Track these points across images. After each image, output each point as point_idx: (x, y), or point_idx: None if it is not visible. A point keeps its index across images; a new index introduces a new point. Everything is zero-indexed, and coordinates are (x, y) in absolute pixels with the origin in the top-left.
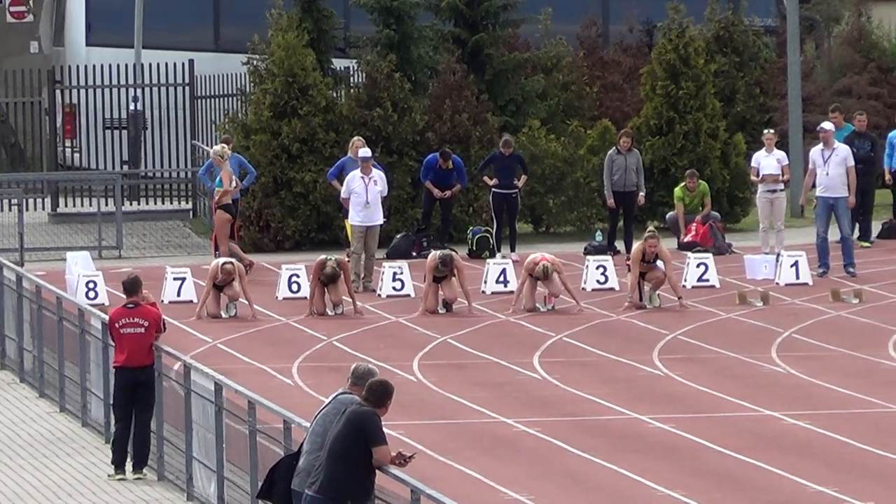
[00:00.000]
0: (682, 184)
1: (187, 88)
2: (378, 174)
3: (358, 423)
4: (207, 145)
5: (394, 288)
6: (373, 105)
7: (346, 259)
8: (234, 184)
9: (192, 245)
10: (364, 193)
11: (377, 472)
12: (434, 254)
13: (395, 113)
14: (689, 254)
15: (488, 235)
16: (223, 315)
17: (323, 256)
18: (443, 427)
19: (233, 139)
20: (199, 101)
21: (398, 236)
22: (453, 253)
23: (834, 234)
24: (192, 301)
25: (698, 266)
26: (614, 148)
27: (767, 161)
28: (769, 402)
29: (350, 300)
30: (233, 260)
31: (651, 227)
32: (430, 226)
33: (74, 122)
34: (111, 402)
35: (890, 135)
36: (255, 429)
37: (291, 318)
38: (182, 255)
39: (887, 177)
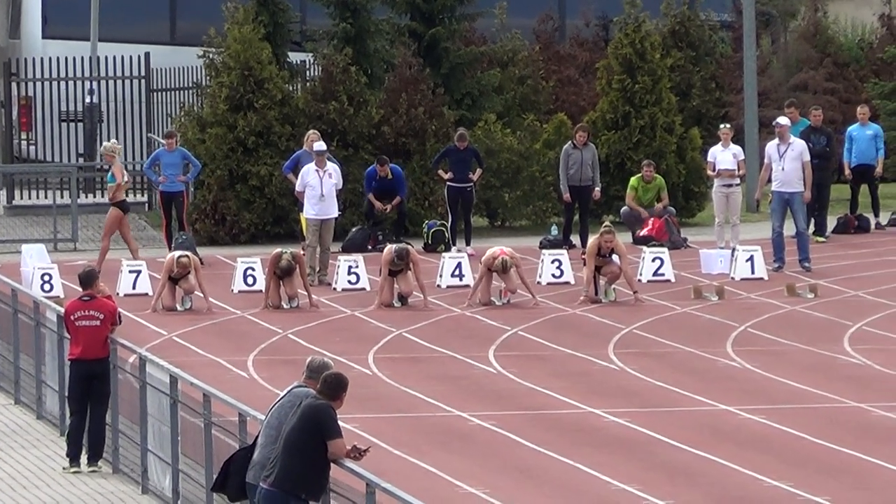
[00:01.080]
0: (639, 174)
1: (143, 81)
2: (333, 167)
3: (313, 416)
4: (163, 138)
5: (349, 281)
6: (328, 98)
7: (302, 252)
8: (125, 178)
9: (148, 238)
10: (319, 187)
11: (332, 465)
12: (390, 247)
13: (350, 106)
14: (645, 248)
15: (443, 229)
16: (179, 308)
17: (278, 250)
18: (398, 420)
19: (177, 134)
20: (155, 93)
21: (353, 230)
22: (409, 247)
23: (789, 229)
24: (147, 294)
25: (654, 260)
26: (570, 142)
27: (723, 156)
28: (724, 396)
29: (305, 293)
30: (188, 253)
31: (607, 222)
32: (383, 221)
33: (30, 114)
34: (66, 394)
35: (848, 129)
36: (210, 422)
37: (247, 311)
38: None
39: (847, 171)
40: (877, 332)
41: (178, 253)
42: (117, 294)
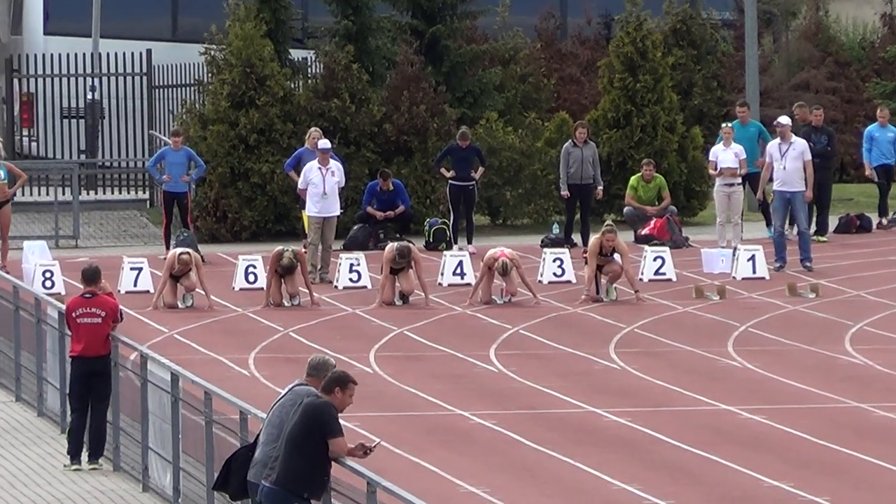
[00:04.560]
0: (639, 174)
1: (145, 78)
2: (335, 165)
3: (313, 414)
4: (165, 135)
5: (350, 279)
6: (330, 96)
7: (303, 250)
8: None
9: (149, 235)
10: (321, 184)
11: (333, 463)
12: (391, 245)
13: (352, 104)
14: (646, 247)
15: (445, 227)
16: (180, 305)
17: (280, 247)
18: (399, 419)
19: (182, 132)
20: (157, 90)
21: (355, 227)
22: (410, 245)
23: (791, 229)
24: (148, 291)
25: (655, 259)
26: (570, 140)
27: (725, 155)
28: (725, 396)
29: (307, 291)
30: (190, 250)
31: (609, 221)
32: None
33: (32, 111)
34: (67, 391)
35: (867, 129)
36: (211, 420)
37: (248, 308)
38: (139, 245)
39: (868, 171)
40: (878, 333)
41: (179, 250)
42: (118, 291)
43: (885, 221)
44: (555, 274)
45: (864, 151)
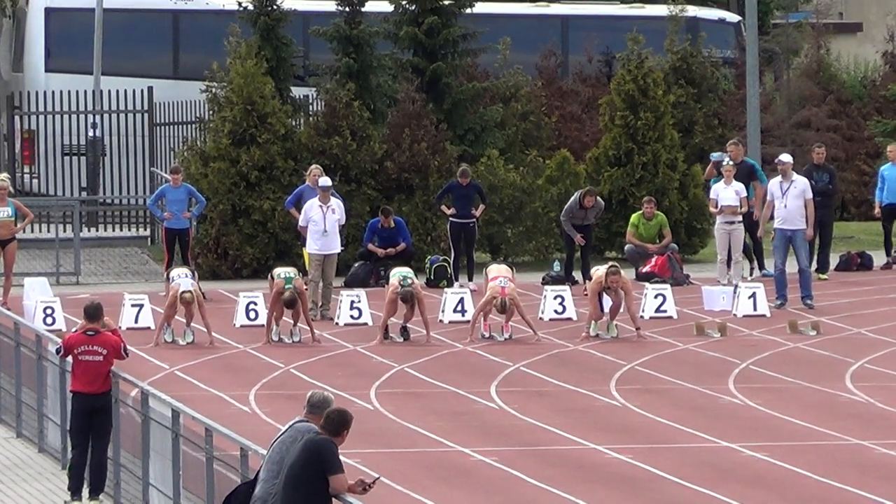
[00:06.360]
0: (640, 211)
1: (146, 115)
2: (336, 203)
3: (314, 451)
4: (166, 172)
5: (351, 316)
6: (332, 133)
7: (304, 287)
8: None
9: (150, 272)
10: (322, 222)
11: (334, 500)
12: (395, 286)
13: (353, 141)
14: (647, 284)
15: (446, 265)
16: (181, 342)
17: (280, 273)
18: (400, 456)
19: (182, 169)
20: (158, 127)
21: (356, 265)
22: (412, 289)
23: (792, 266)
24: (149, 328)
25: (656, 297)
26: (578, 200)
27: (726, 193)
28: (726, 433)
29: (307, 328)
30: (191, 289)
31: (613, 263)
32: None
33: (33, 148)
34: (68, 427)
35: (881, 168)
36: (212, 456)
37: (249, 345)
38: (140, 282)
39: (877, 210)
40: (879, 370)
41: (182, 289)
42: (119, 328)
43: (890, 259)
44: (556, 311)
45: (877, 191)
